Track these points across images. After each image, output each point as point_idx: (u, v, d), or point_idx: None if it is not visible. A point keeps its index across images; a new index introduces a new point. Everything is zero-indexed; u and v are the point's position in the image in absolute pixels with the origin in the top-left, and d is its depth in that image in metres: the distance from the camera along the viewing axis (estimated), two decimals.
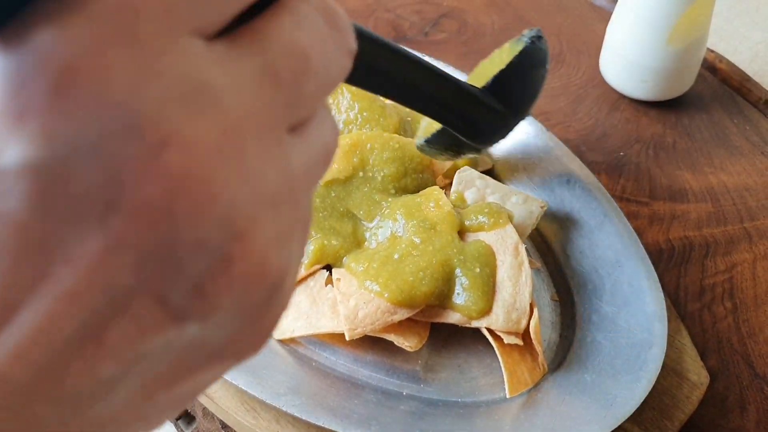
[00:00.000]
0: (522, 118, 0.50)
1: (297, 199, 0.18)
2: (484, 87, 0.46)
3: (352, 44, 0.19)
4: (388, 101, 0.64)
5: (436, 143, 0.49)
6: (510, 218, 0.53)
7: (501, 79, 0.47)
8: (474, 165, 0.60)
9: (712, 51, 0.83)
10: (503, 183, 0.61)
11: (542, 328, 0.54)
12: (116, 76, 0.14)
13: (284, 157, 0.17)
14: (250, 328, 0.18)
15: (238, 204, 0.16)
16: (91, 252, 0.14)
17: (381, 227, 0.53)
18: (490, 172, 0.62)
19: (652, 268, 0.56)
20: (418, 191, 0.56)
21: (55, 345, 0.15)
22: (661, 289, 0.55)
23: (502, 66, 0.47)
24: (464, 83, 0.45)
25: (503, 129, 0.49)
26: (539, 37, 0.50)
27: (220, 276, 0.16)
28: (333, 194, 0.54)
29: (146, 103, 0.14)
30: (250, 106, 0.16)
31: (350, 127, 0.59)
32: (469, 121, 0.46)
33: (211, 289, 0.16)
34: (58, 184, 0.14)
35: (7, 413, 0.15)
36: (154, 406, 0.18)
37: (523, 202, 0.57)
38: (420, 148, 0.50)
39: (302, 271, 0.51)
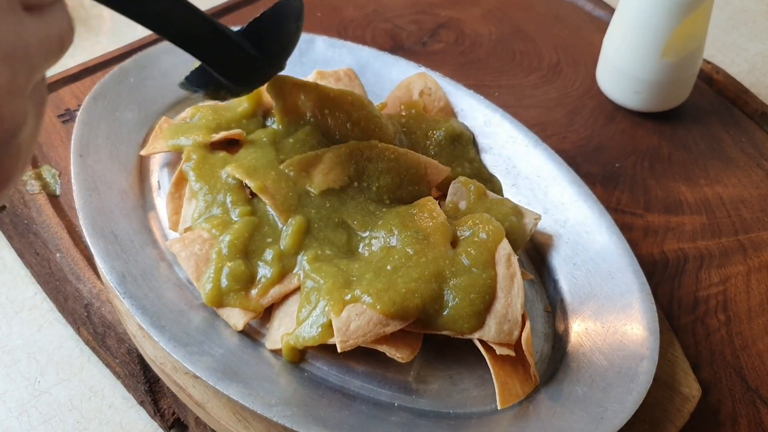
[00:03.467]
0: (277, 68, 0.54)
1: (32, 64, 0.24)
2: (239, 31, 0.50)
3: None
4: (384, 112, 0.65)
5: (195, 80, 0.50)
6: (503, 230, 0.53)
7: (255, 25, 0.51)
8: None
9: (709, 62, 0.84)
10: (498, 194, 0.61)
11: (534, 340, 0.54)
12: None
13: (18, 23, 0.23)
14: None
15: None
16: None
17: (375, 238, 0.53)
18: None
19: (645, 280, 0.56)
20: (413, 202, 0.56)
21: None
22: (653, 301, 0.55)
23: None
24: (219, 23, 0.48)
25: (258, 74, 0.53)
26: None
27: None
28: (328, 204, 0.54)
29: None
30: None
31: (346, 138, 0.59)
32: (222, 59, 0.49)
33: None
34: None
35: None
36: None
37: (517, 213, 0.57)
38: (181, 86, 0.51)
39: (294, 282, 0.51)
